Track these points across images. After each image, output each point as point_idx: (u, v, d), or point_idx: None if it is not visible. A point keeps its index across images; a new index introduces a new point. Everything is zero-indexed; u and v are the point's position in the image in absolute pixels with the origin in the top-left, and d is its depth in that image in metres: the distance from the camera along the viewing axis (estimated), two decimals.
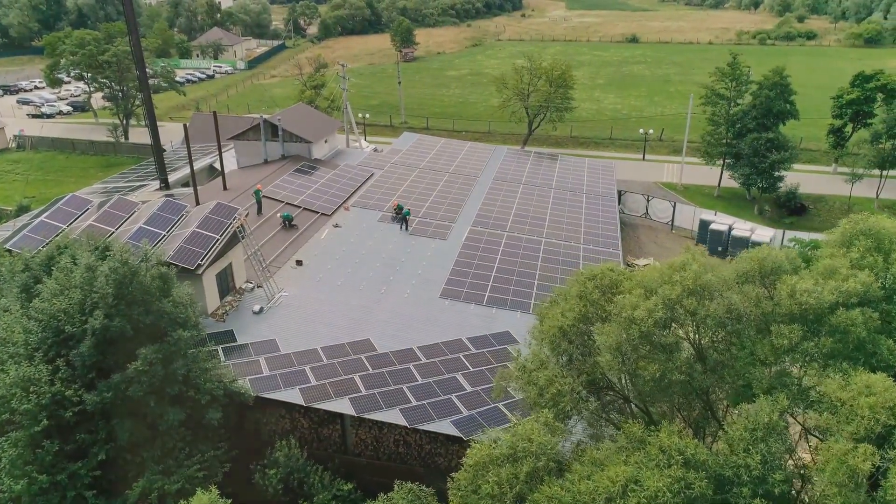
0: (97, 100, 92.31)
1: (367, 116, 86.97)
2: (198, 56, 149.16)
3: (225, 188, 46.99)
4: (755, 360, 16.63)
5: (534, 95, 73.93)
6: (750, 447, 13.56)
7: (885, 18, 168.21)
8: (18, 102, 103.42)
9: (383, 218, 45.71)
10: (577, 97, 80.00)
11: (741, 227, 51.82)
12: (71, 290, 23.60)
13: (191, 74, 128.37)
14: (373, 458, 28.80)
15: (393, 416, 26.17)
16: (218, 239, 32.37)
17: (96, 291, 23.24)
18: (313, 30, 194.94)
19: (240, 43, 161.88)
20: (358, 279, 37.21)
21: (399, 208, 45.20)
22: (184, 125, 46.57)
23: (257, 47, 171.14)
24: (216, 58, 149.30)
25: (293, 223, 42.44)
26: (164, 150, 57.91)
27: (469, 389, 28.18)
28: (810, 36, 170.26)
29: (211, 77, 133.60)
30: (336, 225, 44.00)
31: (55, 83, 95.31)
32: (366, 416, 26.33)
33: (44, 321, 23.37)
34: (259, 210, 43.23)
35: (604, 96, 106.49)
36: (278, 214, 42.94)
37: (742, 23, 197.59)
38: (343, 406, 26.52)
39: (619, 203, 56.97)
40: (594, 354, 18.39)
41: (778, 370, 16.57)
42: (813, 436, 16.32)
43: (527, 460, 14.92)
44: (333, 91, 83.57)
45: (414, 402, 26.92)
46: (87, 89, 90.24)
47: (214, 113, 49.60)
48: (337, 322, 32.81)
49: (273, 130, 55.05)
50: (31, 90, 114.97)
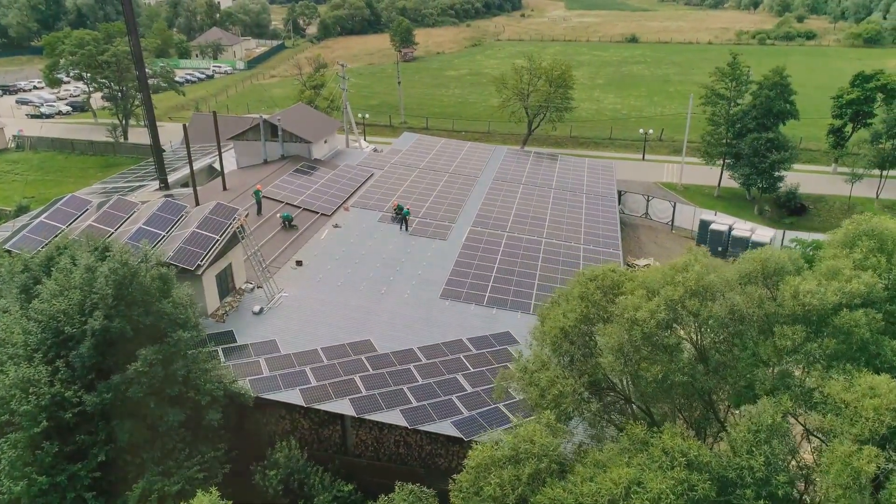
0: (96, 100, 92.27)
1: (367, 116, 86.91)
2: (197, 56, 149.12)
3: (224, 188, 46.94)
4: (757, 361, 16.58)
5: (533, 95, 73.85)
6: (753, 449, 13.49)
7: (885, 18, 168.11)
8: (17, 102, 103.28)
9: (383, 218, 45.65)
10: (577, 97, 79.94)
11: (741, 228, 51.80)
12: (70, 291, 23.52)
13: (190, 74, 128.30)
14: (373, 459, 28.75)
15: (393, 417, 26.13)
16: (218, 239, 32.31)
17: (96, 292, 23.18)
18: (313, 30, 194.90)
19: (239, 43, 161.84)
20: (358, 279, 37.16)
21: (399, 208, 45.13)
22: (183, 125, 46.49)
23: (257, 47, 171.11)
24: (215, 58, 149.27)
25: (293, 223, 42.39)
26: (164, 151, 57.86)
27: (470, 390, 28.13)
28: (810, 36, 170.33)
29: (210, 77, 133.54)
30: (336, 225, 43.93)
31: (54, 83, 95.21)
32: (366, 417, 26.30)
33: (43, 322, 23.28)
34: (259, 210, 43.17)
35: (603, 96, 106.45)
36: (278, 215, 42.89)
37: (741, 23, 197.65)
38: (343, 407, 26.48)
39: (619, 203, 56.91)
40: (596, 355, 18.34)
41: (780, 371, 16.53)
42: (815, 437, 16.28)
43: (529, 462, 14.86)
44: (333, 91, 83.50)
45: (414, 403, 26.87)
46: (87, 89, 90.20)
47: (214, 113, 49.56)
48: (337, 322, 32.75)
49: (273, 130, 54.97)
50: (31, 90, 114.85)
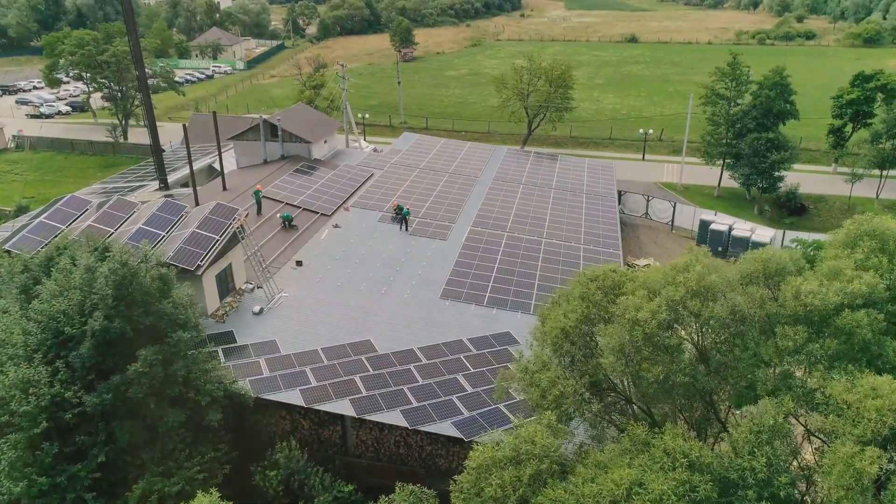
0: (96, 100, 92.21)
1: (367, 116, 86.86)
2: (197, 56, 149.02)
3: (224, 188, 46.91)
4: (759, 362, 16.55)
5: (533, 95, 73.81)
6: (755, 450, 13.45)
7: (884, 18, 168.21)
8: (17, 103, 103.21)
9: (383, 218, 45.61)
10: (577, 97, 79.88)
11: (741, 228, 51.78)
12: (70, 292, 23.50)
13: (190, 75, 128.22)
14: (373, 460, 28.72)
15: (394, 418, 26.10)
16: (218, 239, 32.27)
17: (96, 292, 23.14)
18: (312, 30, 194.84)
19: (239, 43, 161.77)
20: (358, 280, 37.12)
21: (399, 208, 45.09)
22: (183, 125, 46.45)
23: (256, 47, 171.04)
24: (215, 58, 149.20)
25: (293, 223, 42.36)
26: (164, 151, 57.84)
27: (470, 390, 28.09)
28: (809, 36, 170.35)
29: (210, 77, 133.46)
30: (336, 225, 43.90)
31: (54, 83, 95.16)
32: (366, 418, 26.27)
33: (43, 322, 23.26)
34: (259, 210, 43.14)
35: (603, 96, 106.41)
36: (278, 215, 42.85)
37: (741, 23, 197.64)
38: (343, 407, 26.45)
39: (619, 203, 56.88)
40: (597, 356, 18.31)
41: (781, 371, 16.49)
42: (816, 437, 16.25)
43: (530, 463, 14.82)
44: (333, 91, 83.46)
45: (415, 404, 26.84)
46: (86, 89, 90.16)
47: (214, 113, 49.52)
48: (337, 323, 32.71)
49: (272, 131, 54.92)
50: (30, 90, 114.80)
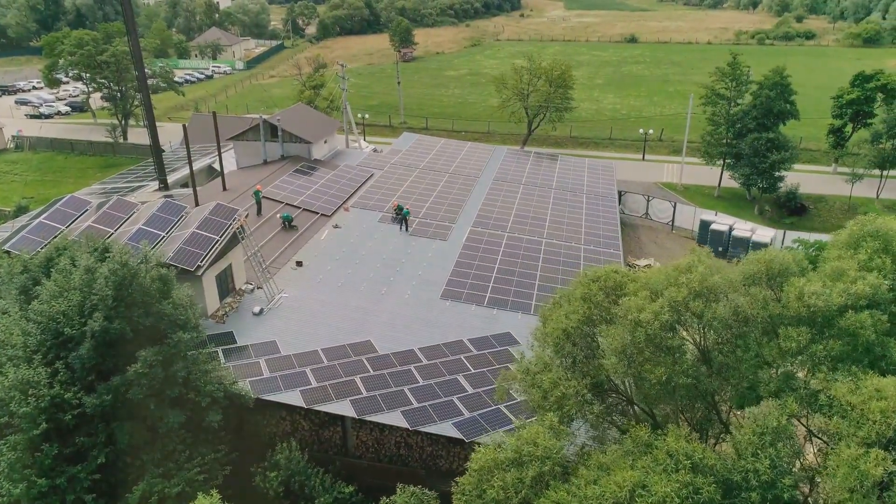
0: (96, 100, 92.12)
1: (367, 117, 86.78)
2: (196, 56, 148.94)
3: (224, 189, 46.83)
4: (761, 363, 16.48)
5: (533, 95, 73.76)
6: (759, 451, 13.39)
7: (884, 18, 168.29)
8: (17, 103, 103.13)
9: (383, 218, 45.55)
10: (577, 97, 79.83)
11: (742, 228, 51.73)
12: (70, 292, 23.42)
13: (189, 75, 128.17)
14: (374, 461, 28.65)
15: (394, 418, 26.05)
16: (218, 240, 32.19)
17: (95, 293, 23.07)
18: (312, 30, 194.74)
19: (238, 43, 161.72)
20: (358, 280, 37.05)
21: (399, 209, 45.02)
22: (183, 125, 46.35)
23: (256, 47, 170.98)
24: (215, 58, 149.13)
25: (293, 224, 42.28)
26: (163, 151, 57.77)
27: (470, 391, 28.03)
28: (809, 36, 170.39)
29: (209, 77, 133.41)
30: (336, 226, 43.82)
31: (53, 83, 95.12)
32: (367, 418, 26.21)
33: (43, 323, 23.18)
34: (259, 211, 43.06)
35: (603, 96, 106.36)
36: (278, 215, 42.77)
37: (740, 23, 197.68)
38: (344, 408, 26.39)
39: (620, 203, 56.83)
40: (598, 357, 18.25)
41: (783, 372, 16.43)
42: (818, 438, 16.19)
43: (532, 464, 14.75)
44: (332, 91, 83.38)
45: (415, 404, 26.78)
46: (86, 89, 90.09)
47: (214, 113, 49.43)
48: (337, 323, 32.65)
49: (272, 131, 54.84)
50: (30, 90, 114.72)
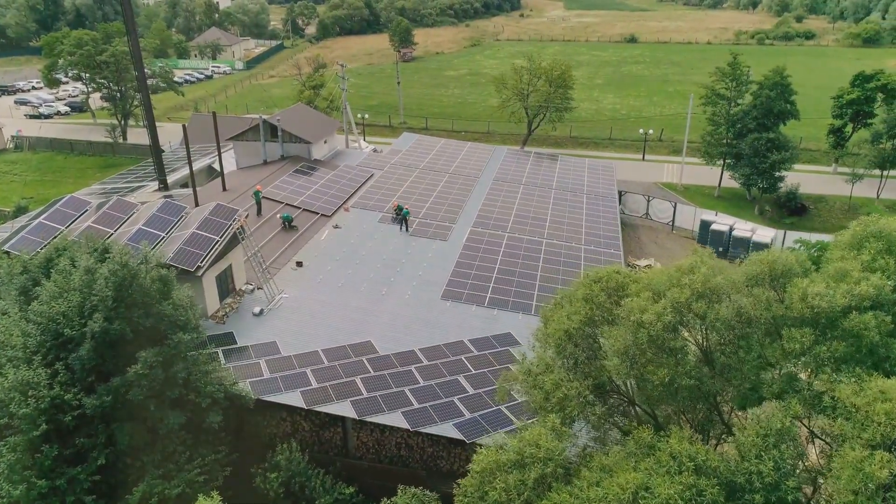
0: (95, 100, 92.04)
1: (367, 117, 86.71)
2: (196, 56, 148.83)
3: (224, 189, 46.76)
4: (764, 364, 16.42)
5: (533, 95, 73.70)
6: (762, 453, 13.33)
7: (884, 18, 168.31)
8: (16, 103, 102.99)
9: (383, 219, 45.48)
10: (576, 97, 79.77)
11: (742, 228, 51.70)
12: (70, 293, 23.36)
13: (189, 75, 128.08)
14: (374, 462, 28.57)
15: (395, 419, 26.00)
16: (218, 240, 32.12)
17: (95, 294, 23.01)
18: (311, 30, 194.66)
19: (238, 43, 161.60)
20: (358, 280, 36.98)
21: (399, 209, 44.95)
22: (182, 126, 46.26)
23: (255, 47, 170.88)
24: (214, 58, 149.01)
25: (293, 224, 42.21)
26: (163, 151, 57.69)
27: (471, 392, 27.98)
28: (809, 36, 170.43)
29: (209, 77, 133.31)
30: (336, 226, 43.75)
31: (53, 83, 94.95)
32: (367, 419, 26.16)
33: (42, 324, 23.12)
34: (259, 211, 42.99)
35: (603, 96, 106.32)
36: (278, 215, 42.70)
37: (740, 23, 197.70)
38: (344, 409, 26.35)
39: (620, 203, 56.77)
40: (600, 358, 18.19)
41: (786, 373, 16.37)
42: (820, 439, 16.13)
43: (535, 466, 14.68)
44: (332, 91, 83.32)
45: (416, 405, 26.73)
46: (85, 90, 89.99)
47: (214, 113, 49.35)
48: (337, 324, 32.58)
49: (272, 131, 54.76)
50: (29, 90, 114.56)
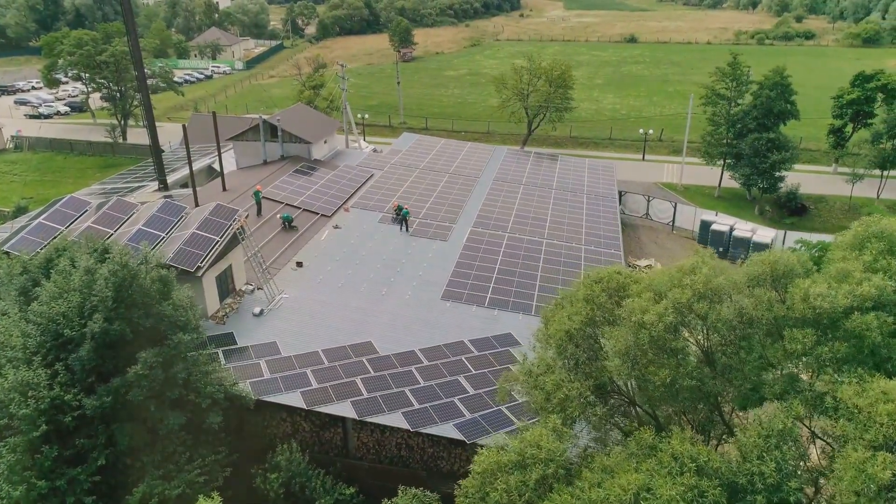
0: (95, 100, 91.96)
1: (367, 117, 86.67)
2: (196, 56, 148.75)
3: (224, 189, 46.73)
4: (765, 364, 16.39)
5: (533, 95, 73.68)
6: (764, 454, 13.30)
7: (884, 18, 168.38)
8: (16, 103, 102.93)
9: (383, 219, 45.44)
10: (576, 97, 79.73)
11: (742, 228, 51.66)
12: (70, 294, 23.32)
13: (189, 75, 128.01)
14: (375, 462, 28.53)
15: (395, 420, 25.97)
16: (218, 240, 32.08)
17: (95, 294, 22.97)
18: (311, 30, 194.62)
19: (238, 43, 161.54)
20: (358, 281, 36.95)
21: (399, 209, 44.91)
22: (182, 126, 46.21)
23: (255, 47, 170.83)
24: (214, 58, 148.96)
25: (293, 224, 42.17)
26: (163, 151, 57.64)
27: (472, 392, 27.95)
28: (808, 36, 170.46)
29: (209, 77, 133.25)
30: (336, 226, 43.72)
31: (53, 83, 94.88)
32: (367, 420, 26.13)
33: (42, 325, 23.08)
34: (259, 211, 42.94)
35: (602, 96, 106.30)
36: (278, 216, 42.66)
37: (740, 23, 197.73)
38: (345, 409, 26.32)
39: (620, 204, 56.74)
40: (601, 358, 18.16)
41: (787, 374, 16.33)
42: (821, 440, 16.09)
43: (536, 467, 14.65)
44: (332, 91, 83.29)
45: (416, 406, 26.70)
46: (85, 90, 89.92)
47: (214, 113, 49.30)
48: (338, 324, 32.55)
49: (272, 131, 54.71)
50: (29, 90, 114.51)
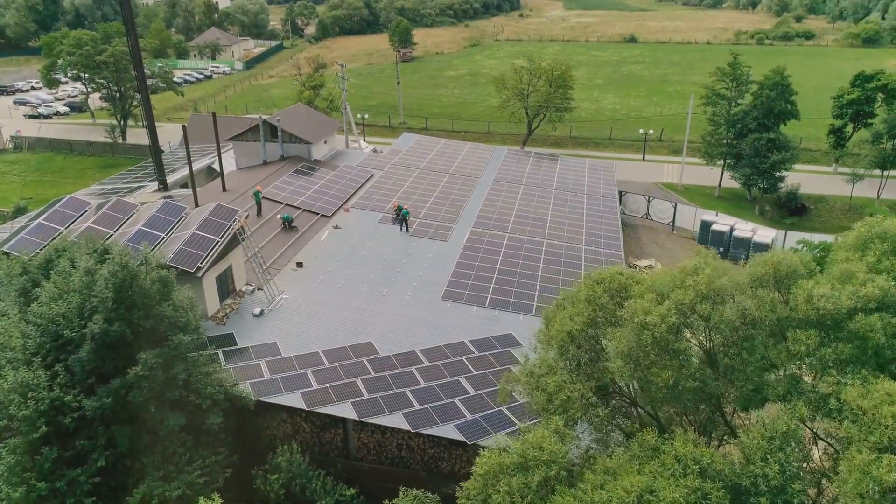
0: (95, 100, 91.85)
1: (366, 117, 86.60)
2: (195, 56, 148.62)
3: (224, 189, 46.67)
4: (767, 365, 16.33)
5: (533, 95, 73.64)
6: (768, 456, 13.24)
7: (883, 18, 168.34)
8: (15, 103, 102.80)
9: (384, 219, 45.38)
10: (576, 97, 79.66)
11: (743, 228, 51.58)
12: (70, 294, 23.27)
13: (188, 75, 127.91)
14: (375, 463, 28.49)
15: (395, 421, 25.91)
16: (218, 241, 32.01)
17: (95, 295, 22.92)
18: (311, 30, 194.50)
19: (237, 43, 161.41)
20: (359, 281, 36.88)
21: (399, 209, 44.85)
22: (182, 126, 46.14)
23: (255, 47, 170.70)
24: (214, 58, 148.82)
25: (293, 225, 42.11)
26: (163, 151, 57.55)
27: (472, 393, 27.89)
28: (808, 36, 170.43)
29: (209, 77, 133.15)
30: (336, 226, 43.65)
31: (52, 84, 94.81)
32: (368, 421, 26.07)
33: (42, 326, 23.03)
34: (259, 211, 42.88)
35: (602, 96, 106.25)
36: (278, 216, 42.60)
37: (740, 23, 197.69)
38: (345, 410, 26.25)
39: (620, 204, 56.68)
40: (603, 359, 18.10)
41: (790, 375, 16.28)
42: (824, 441, 16.04)
43: (538, 469, 14.58)
44: (332, 91, 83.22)
45: (417, 406, 26.63)
46: (85, 90, 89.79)
47: (213, 114, 49.23)
48: (338, 325, 32.48)
49: (272, 131, 54.64)
50: (28, 91, 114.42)
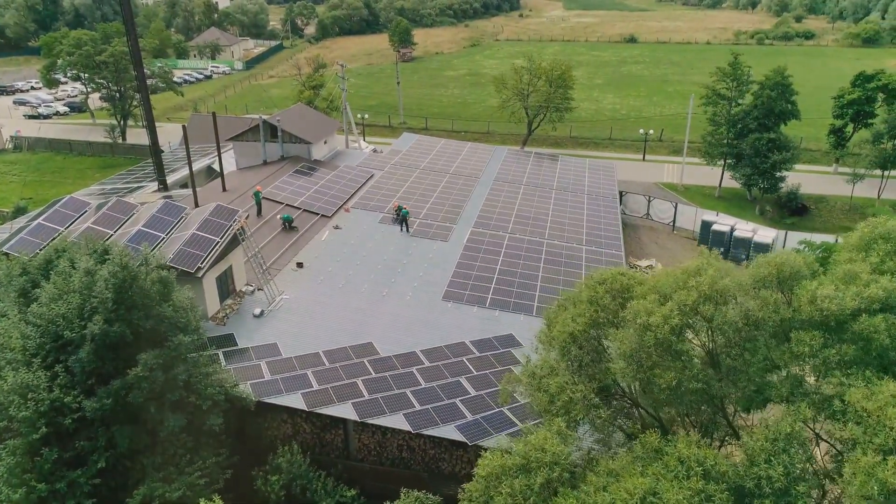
0: (94, 100, 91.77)
1: (366, 117, 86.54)
2: (195, 56, 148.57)
3: (224, 190, 46.60)
4: (770, 366, 16.26)
5: (533, 95, 73.57)
6: (772, 458, 13.17)
7: (883, 18, 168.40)
8: (15, 103, 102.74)
9: (384, 219, 45.32)
10: (576, 97, 79.57)
11: (743, 228, 51.50)
12: (69, 295, 23.19)
13: (188, 75, 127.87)
14: (376, 464, 28.43)
15: (396, 421, 25.86)
16: (218, 241, 31.95)
17: (95, 296, 22.85)
18: (311, 30, 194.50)
19: (237, 43, 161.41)
20: (359, 281, 36.83)
21: (399, 209, 44.78)
22: (182, 126, 46.07)
23: (255, 47, 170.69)
24: (214, 58, 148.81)
25: (293, 225, 42.05)
26: (163, 152, 57.47)
27: (473, 393, 27.83)
28: (808, 36, 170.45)
29: (208, 77, 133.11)
30: (336, 227, 43.59)
31: (52, 84, 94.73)
32: (369, 421, 26.02)
33: (42, 326, 22.96)
34: (259, 212, 42.81)
35: (602, 96, 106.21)
36: (278, 216, 42.53)
37: (740, 23, 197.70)
38: (346, 411, 26.21)
39: (621, 204, 56.61)
40: (605, 360, 18.04)
41: (793, 376, 16.22)
42: (827, 443, 15.97)
43: (541, 471, 14.52)
44: (332, 91, 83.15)
45: (417, 407, 26.59)
46: (85, 90, 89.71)
47: (213, 114, 49.16)
48: (338, 325, 32.43)
49: (272, 131, 54.57)
50: (28, 91, 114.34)
